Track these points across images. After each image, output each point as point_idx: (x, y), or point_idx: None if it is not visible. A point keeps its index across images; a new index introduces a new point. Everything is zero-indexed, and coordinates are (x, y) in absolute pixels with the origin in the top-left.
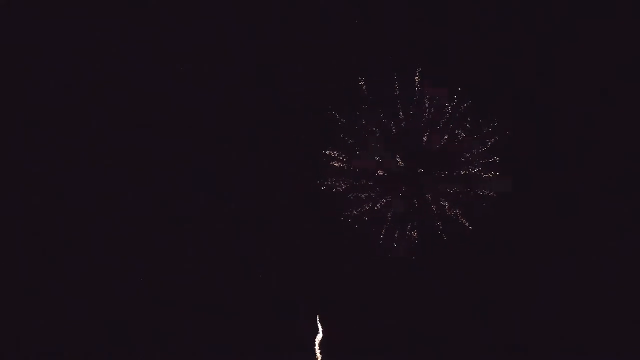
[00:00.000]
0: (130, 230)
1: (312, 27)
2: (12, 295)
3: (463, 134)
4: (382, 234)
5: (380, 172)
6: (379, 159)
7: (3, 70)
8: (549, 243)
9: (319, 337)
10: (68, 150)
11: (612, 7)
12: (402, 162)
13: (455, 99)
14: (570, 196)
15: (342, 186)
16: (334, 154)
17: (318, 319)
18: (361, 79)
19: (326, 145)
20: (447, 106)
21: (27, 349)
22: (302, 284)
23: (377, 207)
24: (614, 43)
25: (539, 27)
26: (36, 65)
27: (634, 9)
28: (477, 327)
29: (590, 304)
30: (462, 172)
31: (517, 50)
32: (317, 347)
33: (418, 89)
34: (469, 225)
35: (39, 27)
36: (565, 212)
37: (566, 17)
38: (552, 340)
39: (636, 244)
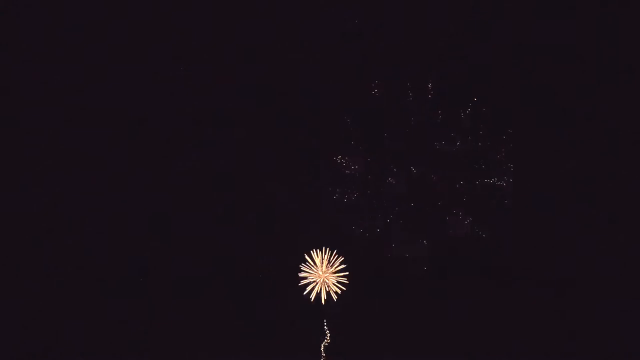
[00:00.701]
0: (130, 231)
1: (325, 32)
2: None
3: (479, 143)
4: (393, 244)
5: (391, 180)
6: (392, 168)
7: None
8: (563, 249)
9: (325, 342)
10: (66, 150)
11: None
12: (415, 169)
13: (470, 106)
14: (585, 202)
15: (353, 194)
16: (345, 162)
17: (325, 324)
18: (374, 87)
19: (337, 152)
20: (461, 113)
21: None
22: (309, 288)
23: (389, 218)
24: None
25: (552, 34)
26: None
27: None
28: (485, 334)
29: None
30: (477, 182)
31: (531, 58)
32: (322, 352)
33: (431, 95)
34: (482, 233)
35: (38, 26)
36: (581, 218)
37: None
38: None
39: None
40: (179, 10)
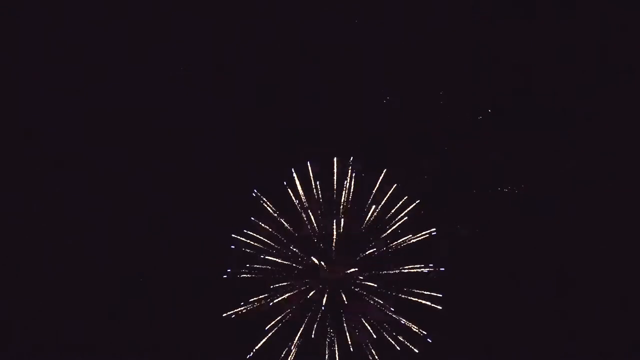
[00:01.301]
0: (130, 231)
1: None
2: None
3: (494, 153)
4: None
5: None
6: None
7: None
8: (563, 248)
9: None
10: (65, 150)
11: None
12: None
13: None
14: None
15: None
16: (351, 165)
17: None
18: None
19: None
20: (469, 118)
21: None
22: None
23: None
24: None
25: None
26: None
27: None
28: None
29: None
30: (488, 190)
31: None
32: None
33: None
34: (485, 238)
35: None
36: (581, 218)
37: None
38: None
39: None
40: (179, 10)
